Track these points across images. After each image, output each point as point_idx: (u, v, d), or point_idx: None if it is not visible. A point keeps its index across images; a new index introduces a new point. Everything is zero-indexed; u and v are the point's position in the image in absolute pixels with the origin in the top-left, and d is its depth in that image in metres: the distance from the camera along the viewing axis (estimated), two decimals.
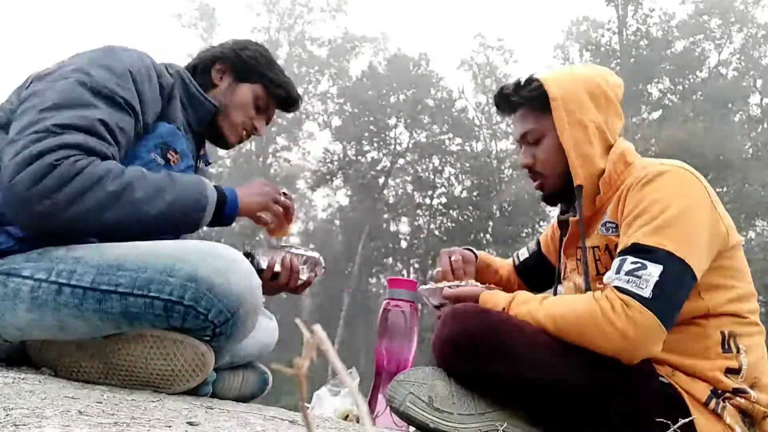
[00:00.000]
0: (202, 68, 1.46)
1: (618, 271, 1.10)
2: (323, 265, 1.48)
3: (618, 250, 1.15)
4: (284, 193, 1.40)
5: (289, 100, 1.53)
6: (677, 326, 1.13)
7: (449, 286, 1.36)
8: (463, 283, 1.39)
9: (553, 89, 1.29)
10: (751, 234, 17.92)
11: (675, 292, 1.07)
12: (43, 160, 1.01)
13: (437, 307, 1.39)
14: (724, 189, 16.88)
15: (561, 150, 1.30)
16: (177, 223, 1.16)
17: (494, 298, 1.24)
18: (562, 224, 1.46)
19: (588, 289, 1.27)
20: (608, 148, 1.29)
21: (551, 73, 1.35)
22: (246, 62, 1.46)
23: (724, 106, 20.48)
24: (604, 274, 1.23)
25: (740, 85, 22.00)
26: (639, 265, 1.08)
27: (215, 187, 1.26)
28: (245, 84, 1.46)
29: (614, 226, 1.23)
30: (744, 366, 1.14)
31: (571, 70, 1.36)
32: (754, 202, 16.13)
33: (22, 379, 0.96)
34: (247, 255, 1.38)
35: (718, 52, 22.75)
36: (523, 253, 1.69)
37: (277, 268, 1.38)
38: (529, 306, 1.17)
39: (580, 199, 1.28)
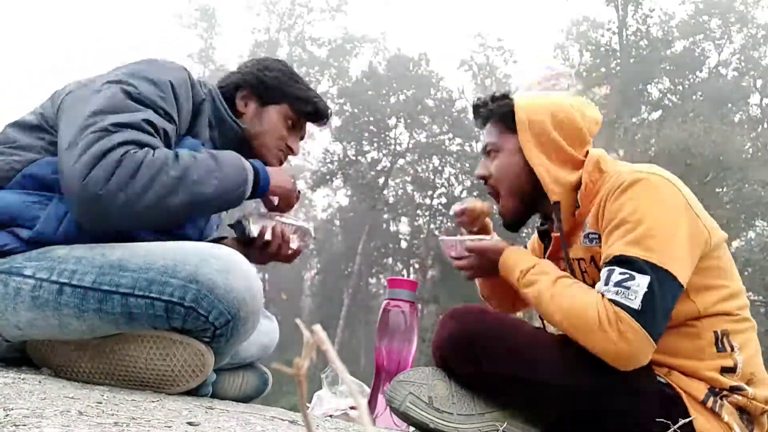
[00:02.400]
0: (226, 97, 1.44)
1: (607, 282, 1.10)
2: (313, 234, 1.49)
3: (603, 260, 1.16)
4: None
5: (318, 114, 1.52)
6: (670, 329, 1.14)
7: (471, 240, 1.37)
8: (486, 237, 1.40)
9: (520, 112, 1.33)
10: (751, 234, 17.91)
11: (663, 302, 1.08)
12: (108, 157, 1.03)
13: (457, 259, 1.39)
14: (724, 189, 16.87)
15: (521, 167, 1.32)
16: (228, 198, 1.21)
17: (515, 258, 1.25)
18: (543, 235, 1.47)
19: None
20: (576, 165, 1.31)
21: (524, 97, 1.39)
22: (268, 84, 1.45)
23: (724, 106, 20.48)
24: (591, 285, 1.23)
25: (740, 85, 21.99)
26: (627, 275, 1.08)
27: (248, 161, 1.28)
28: (271, 106, 1.45)
29: (597, 236, 1.23)
30: (739, 364, 1.15)
31: (546, 97, 1.39)
32: (754, 202, 16.10)
33: (22, 379, 0.96)
34: (239, 223, 1.39)
35: (718, 52, 22.75)
36: None
37: (268, 236, 1.37)
38: (542, 284, 1.18)
39: (558, 214, 1.29)
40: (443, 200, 24.29)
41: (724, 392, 1.13)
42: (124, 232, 1.17)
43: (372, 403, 1.47)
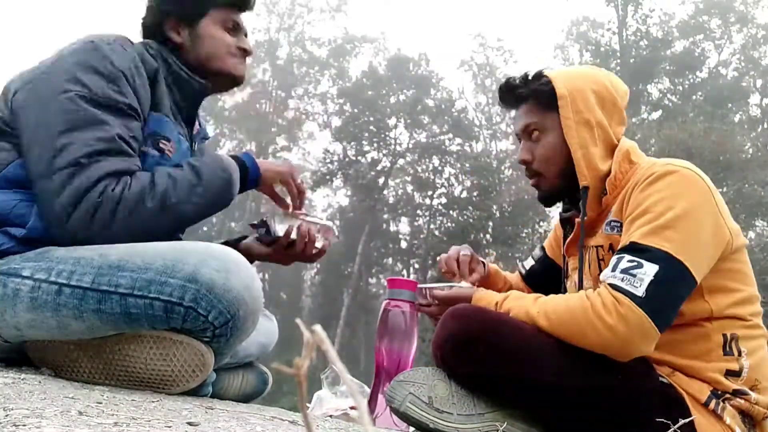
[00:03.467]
0: (157, 36, 1.35)
1: (614, 269, 1.09)
2: (336, 233, 1.47)
3: (618, 248, 1.15)
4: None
5: (243, 1, 1.39)
6: (679, 327, 1.13)
7: (441, 288, 1.37)
8: (455, 284, 1.39)
9: (560, 87, 1.28)
10: (751, 234, 17.91)
11: (670, 292, 1.07)
12: (87, 199, 1.06)
13: (425, 306, 1.40)
14: (724, 189, 16.86)
15: (562, 149, 1.29)
16: (213, 207, 1.23)
17: (487, 297, 1.25)
18: (565, 222, 1.45)
19: (581, 286, 1.28)
20: (612, 149, 1.28)
21: (559, 71, 1.34)
22: (184, 3, 1.35)
23: (724, 106, 20.47)
24: None
25: (740, 85, 21.99)
26: (635, 263, 1.07)
27: (232, 157, 1.28)
28: (201, 21, 1.35)
29: (619, 225, 1.22)
30: (745, 368, 1.14)
31: (579, 69, 1.36)
32: (754, 202, 16.11)
33: (22, 379, 0.96)
34: (263, 223, 1.38)
35: (718, 52, 22.76)
36: (528, 262, 1.67)
37: (294, 235, 1.36)
38: (522, 302, 1.18)
39: (585, 200, 1.27)
40: (443, 200, 24.29)
41: (727, 395, 1.13)
42: None
43: (372, 403, 1.47)
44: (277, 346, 1.69)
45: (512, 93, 1.36)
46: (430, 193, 24.45)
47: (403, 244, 26.29)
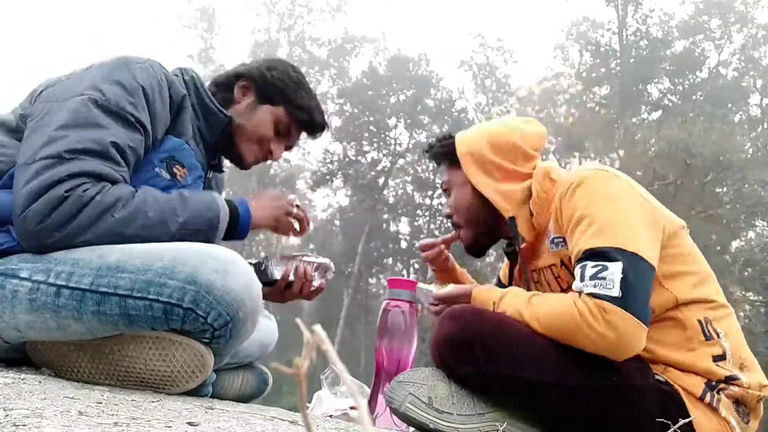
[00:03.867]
0: (226, 82, 1.43)
1: (582, 279, 1.12)
2: (333, 269, 1.50)
3: (573, 259, 1.18)
4: (297, 206, 1.40)
5: (311, 124, 1.48)
6: (654, 323, 1.16)
7: (440, 288, 1.41)
8: (452, 285, 1.44)
9: (460, 147, 1.41)
10: (751, 234, 17.90)
11: (640, 284, 1.10)
12: (52, 192, 1.02)
13: (432, 305, 1.44)
14: (724, 189, 16.87)
15: (472, 198, 1.41)
16: (191, 239, 1.15)
17: (486, 294, 1.28)
18: (511, 255, 1.52)
19: None
20: (523, 179, 1.36)
21: (467, 132, 1.47)
22: (270, 83, 1.42)
23: (724, 106, 20.46)
24: (566, 289, 1.25)
25: (740, 85, 21.98)
26: (600, 267, 1.10)
27: (228, 202, 1.25)
28: (267, 105, 1.42)
29: (561, 239, 1.27)
30: (727, 350, 1.17)
31: (483, 128, 1.46)
32: (754, 202, 16.09)
33: (22, 379, 0.96)
34: (260, 264, 1.39)
35: (718, 52, 22.75)
36: None
37: (291, 277, 1.39)
38: (517, 304, 1.19)
39: (515, 228, 1.35)
40: (443, 200, 24.26)
41: (721, 385, 1.15)
42: None
43: (372, 404, 1.47)
44: (277, 346, 1.69)
45: (431, 154, 1.51)
46: (430, 193, 24.45)
47: (403, 244, 26.28)
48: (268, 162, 1.54)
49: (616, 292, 1.07)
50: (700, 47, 22.57)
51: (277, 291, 1.42)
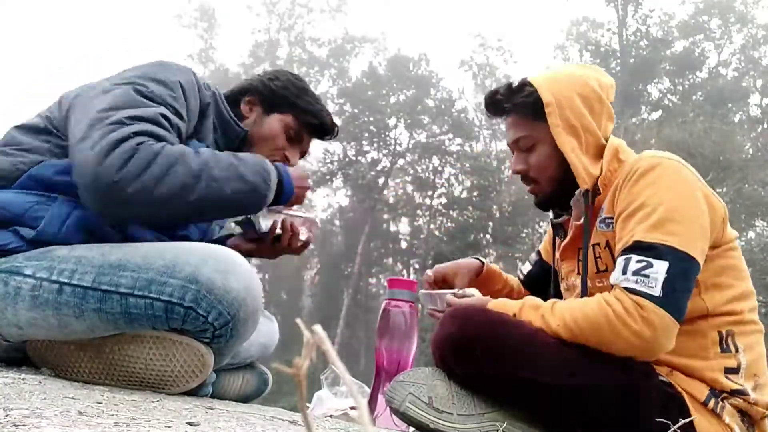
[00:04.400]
0: (231, 101, 1.44)
1: (624, 272, 1.09)
2: (319, 225, 1.51)
3: (619, 247, 1.14)
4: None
5: (322, 128, 1.50)
6: None
7: (454, 294, 1.36)
8: (468, 291, 1.37)
9: (546, 95, 1.27)
10: (751, 234, 17.89)
11: (683, 285, 1.07)
12: (124, 145, 1.03)
13: (440, 312, 1.38)
14: (724, 189, 16.86)
15: (555, 156, 1.29)
16: (247, 201, 1.18)
17: (503, 306, 1.22)
18: (557, 227, 1.46)
19: (585, 289, 1.27)
20: (600, 150, 1.29)
21: (543, 76, 1.33)
22: (274, 92, 1.44)
23: (724, 106, 20.47)
24: (603, 271, 1.23)
25: (740, 85, 21.99)
26: (645, 263, 1.07)
27: (275, 165, 1.27)
28: (274, 114, 1.44)
29: (612, 221, 1.22)
30: (743, 365, 1.14)
31: (563, 72, 1.35)
32: (754, 202, 16.10)
33: (22, 379, 0.96)
34: (248, 219, 1.39)
35: (718, 52, 22.76)
36: (526, 267, 1.67)
37: (279, 230, 1.39)
38: (541, 312, 1.16)
39: (586, 202, 1.28)
40: (443, 200, 24.30)
41: (725, 394, 1.13)
42: (126, 233, 1.17)
43: (372, 403, 1.47)
44: (277, 346, 1.69)
45: (498, 106, 1.36)
46: (430, 193, 24.47)
47: (403, 244, 26.30)
48: None
49: (657, 291, 1.05)
50: (700, 47, 22.59)
51: (265, 247, 1.42)
